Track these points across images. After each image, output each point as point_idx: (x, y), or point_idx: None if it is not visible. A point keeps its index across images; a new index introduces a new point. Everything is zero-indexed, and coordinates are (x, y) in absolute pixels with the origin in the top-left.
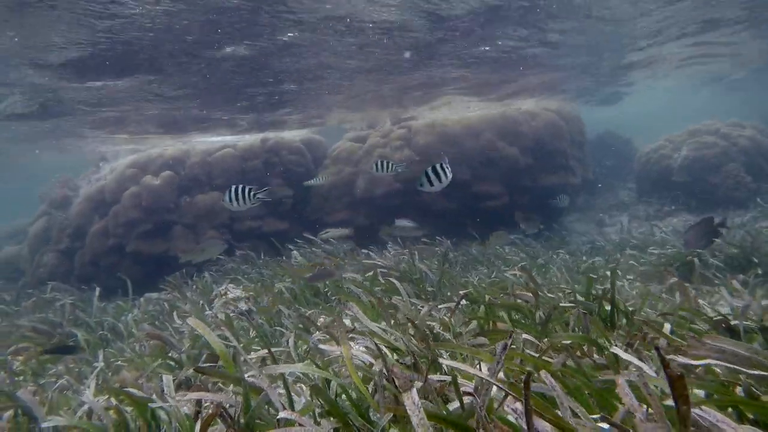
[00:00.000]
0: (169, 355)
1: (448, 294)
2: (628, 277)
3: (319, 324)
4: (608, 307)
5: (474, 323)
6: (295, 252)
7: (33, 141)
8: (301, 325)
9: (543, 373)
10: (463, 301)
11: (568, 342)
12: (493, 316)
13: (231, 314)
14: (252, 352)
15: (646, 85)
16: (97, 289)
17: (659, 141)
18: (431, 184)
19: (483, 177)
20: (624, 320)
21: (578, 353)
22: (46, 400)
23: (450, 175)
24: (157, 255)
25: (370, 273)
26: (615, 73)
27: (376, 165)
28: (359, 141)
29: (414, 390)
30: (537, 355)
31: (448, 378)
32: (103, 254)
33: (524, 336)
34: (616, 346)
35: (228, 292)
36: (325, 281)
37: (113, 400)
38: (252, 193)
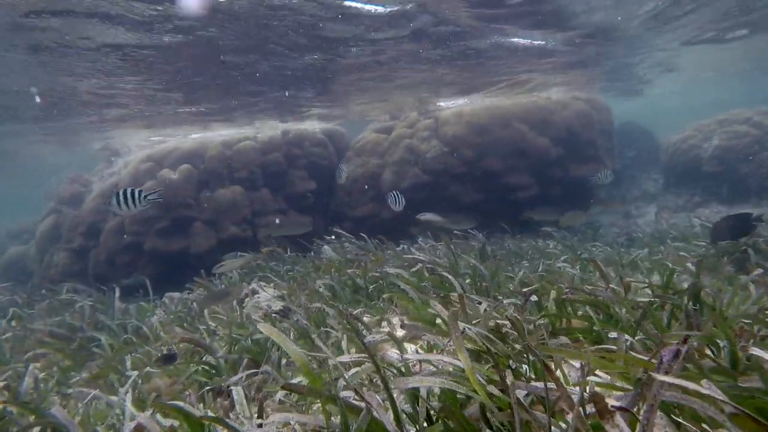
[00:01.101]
0: (205, 359)
1: (502, 289)
2: (678, 269)
3: (365, 323)
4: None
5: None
6: (326, 247)
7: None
8: (348, 325)
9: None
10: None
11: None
12: (565, 312)
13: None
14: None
15: (664, 80)
16: (117, 290)
17: (687, 131)
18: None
19: (513, 168)
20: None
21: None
22: (78, 413)
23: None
24: (176, 253)
25: (415, 268)
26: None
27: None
28: (384, 132)
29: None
30: (646, 358)
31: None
32: (118, 252)
33: (612, 334)
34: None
35: (260, 290)
36: (218, 303)
37: (160, 417)
38: (142, 195)
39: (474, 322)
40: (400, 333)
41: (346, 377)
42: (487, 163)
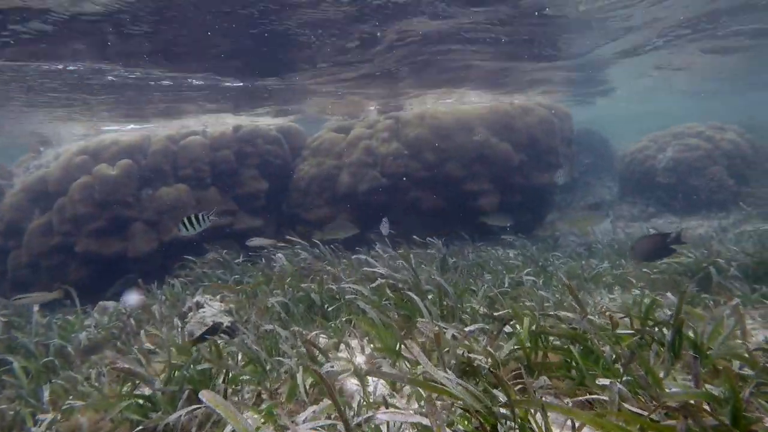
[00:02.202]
0: (139, 392)
1: (465, 306)
2: (639, 285)
3: (322, 346)
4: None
5: (511, 350)
6: (279, 255)
7: None
8: (303, 350)
9: None
10: (485, 323)
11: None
12: (541, 344)
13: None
14: (244, 386)
15: (622, 86)
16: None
17: (643, 141)
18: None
19: (474, 174)
20: (691, 350)
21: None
22: None
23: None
24: (112, 256)
25: (375, 283)
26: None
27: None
28: (342, 131)
29: None
30: (645, 413)
31: None
32: (45, 255)
33: (602, 381)
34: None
35: (205, 305)
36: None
37: None
38: (207, 216)
39: (444, 351)
40: (360, 359)
41: (302, 419)
42: (449, 169)
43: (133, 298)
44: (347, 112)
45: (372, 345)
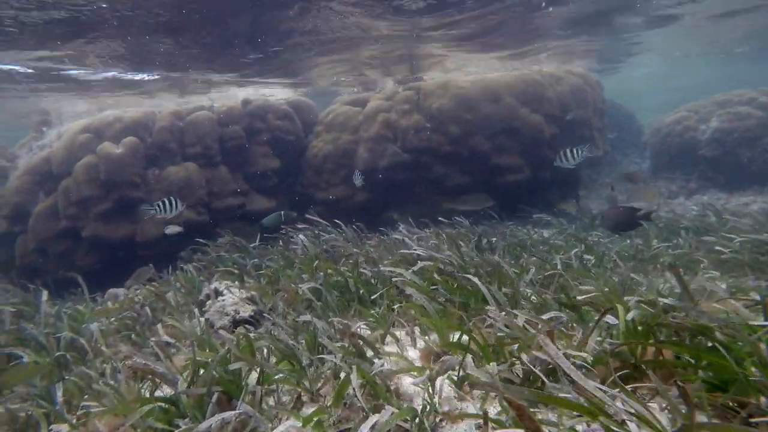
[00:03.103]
0: (160, 394)
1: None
2: (704, 268)
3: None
4: None
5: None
6: (301, 236)
7: None
8: (346, 344)
9: None
10: (553, 312)
11: None
12: (646, 337)
13: (228, 323)
14: (279, 385)
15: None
16: (44, 292)
17: (681, 111)
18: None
19: (503, 148)
20: None
21: None
22: None
23: None
24: (120, 240)
25: (416, 266)
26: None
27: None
28: (358, 104)
29: None
30: None
31: None
32: (51, 240)
33: None
34: None
35: (224, 292)
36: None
37: None
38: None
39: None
40: (412, 354)
41: None
42: (475, 142)
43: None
44: (362, 82)
45: (426, 337)
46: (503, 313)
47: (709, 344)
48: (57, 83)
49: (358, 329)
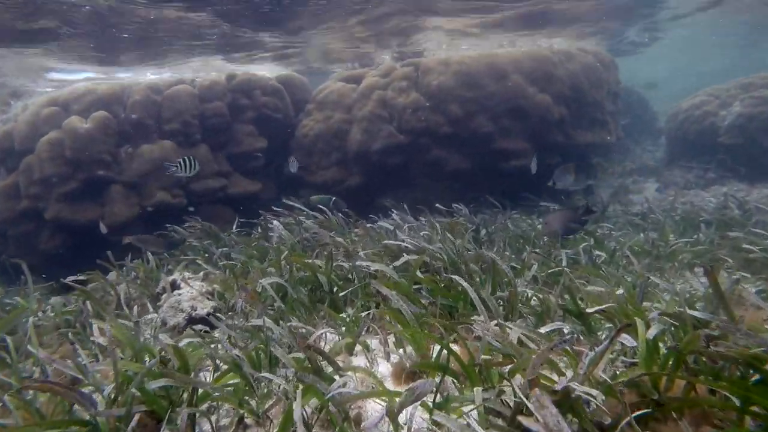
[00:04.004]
0: (77, 416)
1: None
2: (728, 268)
3: (331, 348)
4: None
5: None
6: (276, 223)
7: None
8: (302, 356)
9: None
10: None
11: None
12: (676, 366)
13: (183, 321)
14: (221, 405)
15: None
16: None
17: (700, 95)
18: None
19: (507, 130)
20: None
21: None
22: None
23: None
24: (87, 223)
25: (400, 261)
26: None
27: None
28: (353, 81)
29: None
30: None
31: None
32: (11, 221)
33: None
34: None
35: (182, 285)
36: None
37: None
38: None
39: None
40: (383, 368)
41: None
42: (477, 124)
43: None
44: (359, 55)
45: (401, 350)
46: (494, 323)
47: (758, 377)
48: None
49: (324, 335)
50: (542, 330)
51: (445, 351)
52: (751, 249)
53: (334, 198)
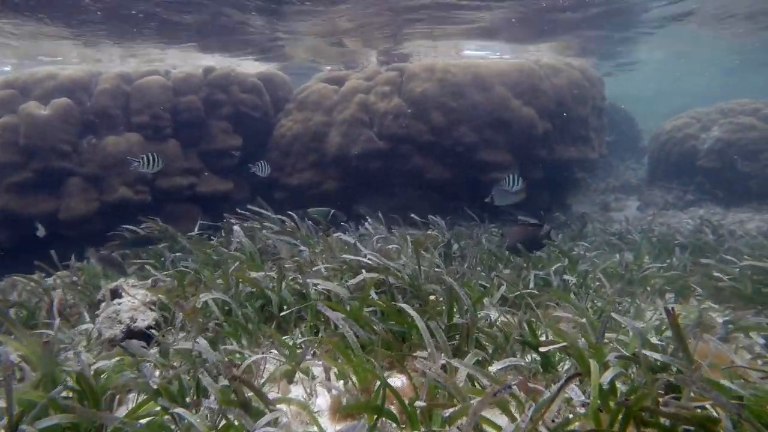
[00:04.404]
0: None
1: (483, 320)
2: (697, 295)
3: (266, 374)
4: None
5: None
6: (237, 228)
7: None
8: (232, 391)
9: None
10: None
11: None
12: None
13: (120, 334)
14: None
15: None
16: None
17: (682, 117)
18: None
19: (490, 142)
20: None
21: None
22: None
23: None
24: (40, 217)
25: (356, 279)
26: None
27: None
28: (335, 82)
29: None
30: None
31: None
32: None
33: None
34: None
35: (122, 293)
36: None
37: None
38: None
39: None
40: (322, 402)
41: None
42: (460, 134)
43: None
44: (344, 56)
45: (341, 382)
46: (442, 358)
47: None
48: None
49: (266, 359)
50: (494, 368)
51: (385, 388)
52: (720, 278)
53: (332, 210)
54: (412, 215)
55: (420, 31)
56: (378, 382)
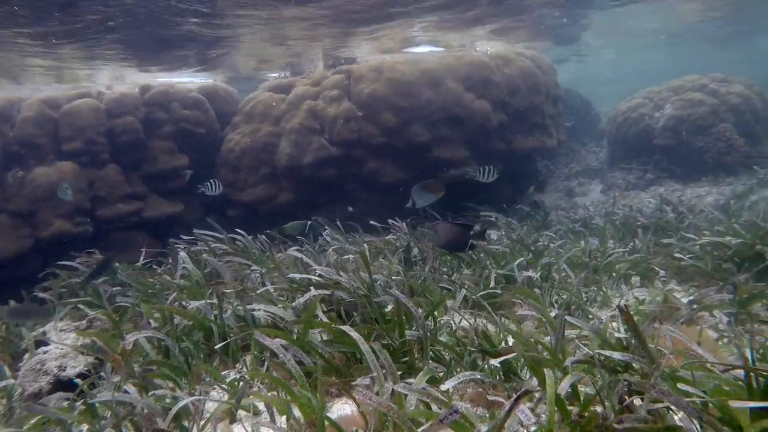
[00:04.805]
0: None
1: (442, 330)
2: (661, 275)
3: (207, 414)
4: None
5: None
6: (182, 254)
7: None
8: None
9: None
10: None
11: None
12: None
13: (47, 386)
14: None
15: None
16: None
17: (637, 98)
18: None
19: (444, 138)
20: None
21: None
22: None
23: None
24: None
25: (304, 297)
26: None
27: None
28: (282, 91)
29: None
30: None
31: None
32: None
33: None
34: None
35: (49, 340)
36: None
37: None
38: None
39: None
40: None
41: None
42: (413, 132)
43: None
44: (292, 59)
45: (284, 418)
46: (389, 382)
47: None
48: None
49: (204, 403)
50: (448, 385)
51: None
52: (682, 257)
53: (309, 222)
54: (372, 222)
55: (365, 30)
56: (332, 405)
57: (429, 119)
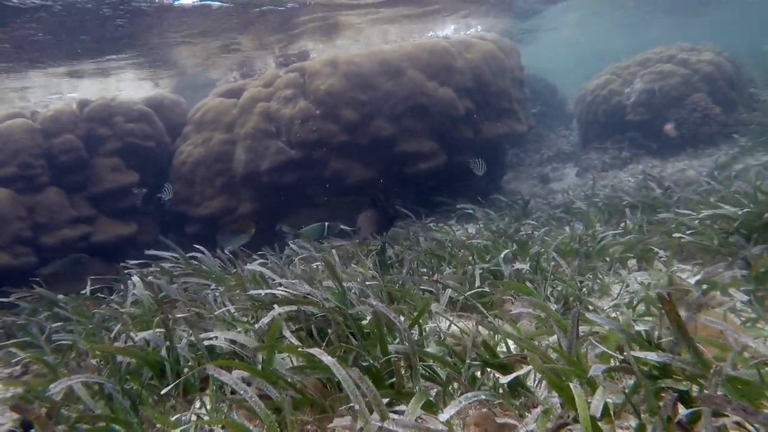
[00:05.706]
0: None
1: (429, 339)
2: (660, 255)
3: None
4: None
5: None
6: (135, 279)
7: None
8: None
9: None
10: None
11: None
12: None
13: None
14: None
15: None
16: None
17: (603, 75)
18: None
19: (409, 131)
20: None
21: None
22: None
23: None
24: None
25: (268, 317)
26: None
27: None
28: (233, 95)
29: None
30: None
31: None
32: None
33: None
34: None
35: None
36: None
37: None
38: None
39: None
40: None
41: None
42: (376, 127)
43: None
44: (241, 62)
45: None
46: (376, 414)
47: None
48: None
49: None
50: (446, 415)
51: None
52: (681, 234)
53: (326, 224)
54: (342, 226)
55: (313, 25)
56: None
57: (392, 112)
